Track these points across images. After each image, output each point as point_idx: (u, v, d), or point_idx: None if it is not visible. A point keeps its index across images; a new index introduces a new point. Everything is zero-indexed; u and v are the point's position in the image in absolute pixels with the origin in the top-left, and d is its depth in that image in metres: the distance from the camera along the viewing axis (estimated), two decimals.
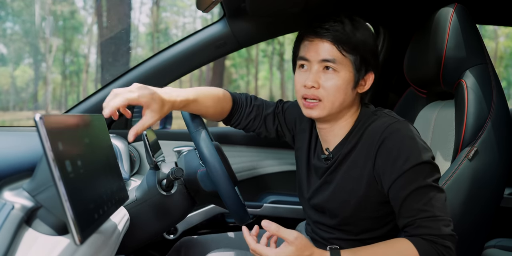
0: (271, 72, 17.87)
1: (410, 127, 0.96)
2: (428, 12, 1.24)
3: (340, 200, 1.02)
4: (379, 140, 0.94)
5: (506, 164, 1.07)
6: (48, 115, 0.62)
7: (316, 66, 0.98)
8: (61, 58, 14.85)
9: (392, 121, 0.96)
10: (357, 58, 0.98)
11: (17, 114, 13.86)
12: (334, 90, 0.97)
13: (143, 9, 16.11)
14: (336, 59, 0.96)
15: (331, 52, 0.97)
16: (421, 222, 0.88)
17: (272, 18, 1.47)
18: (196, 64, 1.51)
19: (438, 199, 0.89)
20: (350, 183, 1.00)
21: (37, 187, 0.70)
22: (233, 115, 1.17)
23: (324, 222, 1.09)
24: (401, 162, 0.91)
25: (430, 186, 0.90)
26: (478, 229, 1.07)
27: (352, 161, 1.00)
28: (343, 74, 0.97)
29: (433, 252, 0.85)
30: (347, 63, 0.97)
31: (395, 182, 0.91)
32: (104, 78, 9.73)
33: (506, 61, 14.99)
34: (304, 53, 1.00)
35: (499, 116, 1.07)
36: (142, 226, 1.10)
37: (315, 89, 0.98)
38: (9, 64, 13.93)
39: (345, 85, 0.98)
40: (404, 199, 0.90)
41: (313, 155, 1.12)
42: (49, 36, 13.33)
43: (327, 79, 0.97)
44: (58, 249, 0.67)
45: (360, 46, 0.97)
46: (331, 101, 0.98)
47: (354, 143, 1.01)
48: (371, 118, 1.01)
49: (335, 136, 1.05)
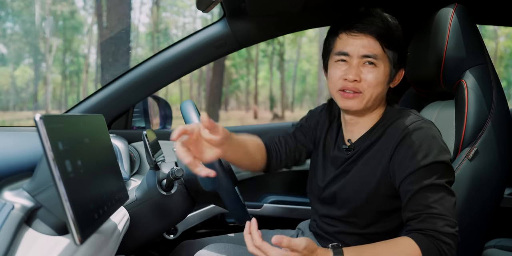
0: (271, 72, 17.89)
1: (434, 127, 0.98)
2: (428, 12, 1.24)
3: (353, 190, 1.03)
4: (401, 136, 0.96)
5: (506, 164, 1.07)
6: (48, 115, 0.62)
7: (356, 60, 0.99)
8: (61, 58, 14.87)
9: (416, 119, 0.98)
10: (396, 55, 1.00)
11: (17, 114, 13.87)
12: (375, 83, 0.99)
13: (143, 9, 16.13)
14: (377, 55, 0.98)
15: (373, 48, 0.98)
16: (426, 217, 0.88)
17: (272, 18, 1.46)
18: (196, 64, 1.51)
19: (447, 200, 0.90)
20: (365, 174, 1.01)
21: (37, 187, 0.70)
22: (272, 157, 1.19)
23: (331, 214, 1.09)
24: (419, 158, 0.92)
25: (442, 186, 0.91)
26: (478, 229, 1.07)
27: (371, 154, 1.02)
28: (382, 69, 0.99)
29: (434, 249, 0.86)
30: (386, 59, 1.00)
31: (409, 176, 0.92)
32: (104, 78, 9.73)
33: (506, 61, 15.00)
34: (343, 48, 1.00)
35: (499, 116, 1.07)
36: (142, 226, 1.10)
37: (357, 82, 0.99)
38: (9, 64, 13.94)
39: (383, 79, 1.00)
40: (414, 193, 0.91)
41: (333, 146, 1.13)
42: (49, 36, 13.34)
43: (368, 72, 0.99)
44: (58, 249, 0.67)
45: (399, 42, 1.00)
46: (370, 94, 0.99)
47: (376, 137, 1.02)
48: (396, 115, 1.02)
49: (361, 128, 1.06)
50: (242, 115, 16.92)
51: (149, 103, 1.73)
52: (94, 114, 0.86)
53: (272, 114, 17.13)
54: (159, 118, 1.78)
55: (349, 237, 1.06)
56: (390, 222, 1.03)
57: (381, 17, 0.99)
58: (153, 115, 1.85)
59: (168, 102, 1.79)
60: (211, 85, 12.09)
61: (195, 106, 1.12)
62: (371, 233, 1.04)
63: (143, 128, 1.69)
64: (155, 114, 1.87)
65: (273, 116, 16.62)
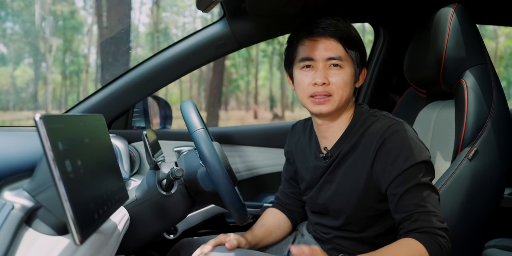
0: (271, 72, 17.87)
1: (409, 127, 0.99)
2: (428, 12, 1.24)
3: (342, 199, 1.04)
4: (379, 141, 0.97)
5: (506, 164, 1.07)
6: (48, 115, 0.62)
7: (321, 64, 1.01)
8: (61, 58, 14.86)
9: (391, 123, 0.99)
10: (357, 54, 1.03)
11: (17, 114, 13.87)
12: (343, 84, 1.01)
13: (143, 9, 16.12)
14: (341, 56, 1.01)
15: (337, 49, 1.01)
16: (419, 216, 0.90)
17: (272, 18, 1.46)
18: (196, 64, 1.51)
19: (433, 198, 0.93)
20: (350, 183, 1.02)
21: (37, 187, 0.70)
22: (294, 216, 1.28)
23: (325, 223, 1.11)
24: (401, 162, 0.94)
25: (426, 184, 0.93)
26: (478, 229, 1.07)
27: (352, 162, 1.03)
28: (347, 69, 1.02)
29: (435, 245, 0.87)
30: (349, 59, 1.02)
31: (394, 180, 0.94)
32: (104, 78, 9.73)
33: (506, 61, 15.00)
34: (307, 54, 1.02)
35: (499, 116, 1.07)
36: (142, 226, 1.10)
37: (325, 85, 1.01)
38: (9, 64, 13.93)
39: (350, 79, 1.03)
40: (401, 195, 0.93)
41: (312, 156, 1.14)
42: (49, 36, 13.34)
43: (334, 75, 1.01)
44: (58, 249, 0.67)
45: (359, 42, 1.03)
46: (340, 95, 1.01)
47: (353, 143, 1.03)
48: (371, 119, 1.04)
49: (334, 132, 1.08)
50: (242, 115, 16.91)
51: (149, 103, 1.73)
52: (94, 114, 0.86)
53: (272, 114, 17.12)
54: (159, 118, 1.78)
55: (347, 241, 1.07)
56: (384, 223, 1.04)
57: (339, 20, 1.03)
58: (153, 115, 1.85)
59: (168, 102, 1.79)
60: (211, 85, 12.09)
61: (195, 106, 1.12)
62: (368, 236, 1.05)
63: (143, 128, 1.69)
64: (155, 114, 1.87)
65: (273, 116, 16.61)
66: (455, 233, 1.02)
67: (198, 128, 1.04)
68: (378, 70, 1.77)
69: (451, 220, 1.02)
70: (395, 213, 0.95)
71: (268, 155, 1.75)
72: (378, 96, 1.77)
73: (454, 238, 1.03)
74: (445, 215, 1.01)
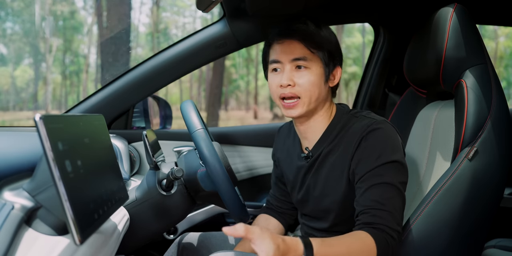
0: None
1: (388, 126, 1.01)
2: (428, 12, 1.24)
3: (329, 200, 1.07)
4: (358, 140, 1.00)
5: (506, 164, 1.07)
6: (48, 115, 0.62)
7: (288, 66, 1.03)
8: (61, 58, 14.85)
9: (371, 122, 1.01)
10: (325, 54, 1.04)
11: (17, 114, 13.86)
12: (309, 85, 1.02)
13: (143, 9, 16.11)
14: (306, 56, 1.02)
15: (300, 50, 1.02)
16: (376, 212, 0.92)
17: (272, 18, 1.46)
18: (196, 64, 1.51)
19: (396, 201, 0.94)
20: (334, 183, 1.05)
21: (37, 187, 0.70)
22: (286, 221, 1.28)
23: (315, 226, 1.14)
24: (373, 159, 0.96)
25: (395, 186, 0.94)
26: (478, 229, 1.07)
27: (333, 161, 1.05)
28: (315, 69, 1.03)
29: (384, 242, 0.89)
30: (316, 59, 1.03)
31: (363, 175, 0.96)
32: (104, 78, 9.74)
33: (506, 61, 14.99)
34: (275, 56, 1.05)
35: (499, 116, 1.06)
36: (142, 226, 1.10)
37: (291, 87, 1.02)
38: (9, 64, 13.93)
39: (318, 79, 1.03)
40: (366, 189, 0.95)
41: (295, 156, 1.16)
42: (49, 36, 13.33)
43: (301, 76, 1.03)
44: (58, 249, 0.67)
45: (325, 42, 1.04)
46: (308, 97, 1.03)
47: (334, 144, 1.05)
48: (352, 120, 1.06)
49: (314, 132, 1.09)
50: (242, 115, 16.90)
51: (149, 103, 1.73)
52: (94, 114, 0.86)
53: (272, 114, 17.12)
54: (159, 118, 1.78)
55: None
56: None
57: (305, 22, 1.04)
58: (153, 115, 1.85)
59: (168, 102, 1.79)
60: (211, 85, 12.08)
61: (195, 106, 1.12)
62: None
63: (143, 128, 1.69)
64: (155, 114, 1.87)
65: (273, 116, 16.61)
66: (455, 233, 1.03)
67: (198, 128, 1.04)
68: (378, 70, 1.77)
69: (451, 220, 1.02)
70: (357, 206, 0.97)
71: (268, 155, 1.75)
72: (378, 96, 1.77)
73: (454, 238, 1.03)
74: (445, 215, 1.01)
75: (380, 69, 1.75)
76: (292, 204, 1.26)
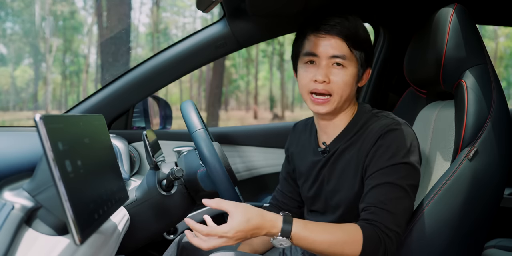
0: (271, 72, 17.86)
1: (407, 128, 1.00)
2: (428, 12, 1.24)
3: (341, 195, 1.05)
4: (375, 138, 0.99)
5: (506, 164, 1.07)
6: (48, 115, 0.62)
7: (325, 61, 1.01)
8: (61, 58, 14.85)
9: (391, 122, 1.00)
10: (362, 55, 1.03)
11: (17, 114, 13.86)
12: (344, 84, 1.01)
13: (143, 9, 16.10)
14: (345, 55, 1.00)
15: (341, 48, 1.00)
16: (376, 210, 0.91)
17: (272, 18, 1.46)
18: (196, 64, 1.51)
19: (402, 203, 0.93)
20: (349, 179, 1.04)
21: (37, 187, 0.70)
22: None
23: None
24: (385, 158, 0.95)
25: (402, 188, 0.93)
26: (478, 229, 1.07)
27: (350, 158, 1.04)
28: (350, 69, 1.02)
29: (375, 237, 0.88)
30: (353, 59, 1.02)
31: (373, 173, 0.96)
32: (104, 78, 9.73)
33: (506, 61, 14.98)
34: (311, 49, 1.02)
35: (499, 116, 1.06)
36: (142, 226, 1.10)
37: (326, 83, 1.01)
38: (9, 64, 13.93)
39: (352, 80, 1.02)
40: (372, 187, 0.94)
41: (310, 151, 1.15)
42: (49, 36, 13.33)
43: (336, 74, 1.01)
44: (58, 249, 0.67)
45: (364, 42, 1.03)
46: (339, 95, 1.02)
47: (352, 141, 1.04)
48: (373, 119, 1.05)
49: (335, 128, 1.09)
50: (242, 115, 16.90)
51: (149, 103, 1.73)
52: (94, 114, 0.87)
53: (272, 114, 17.11)
54: (159, 118, 1.78)
55: None
56: None
57: (347, 18, 1.02)
58: (153, 115, 1.85)
59: (168, 102, 1.79)
60: (211, 85, 12.08)
61: (195, 106, 1.12)
62: None
63: (143, 128, 1.69)
64: (155, 114, 1.87)
65: (273, 116, 16.61)
66: (455, 233, 1.02)
67: (198, 128, 1.04)
68: (378, 70, 1.77)
69: (451, 220, 1.02)
70: (361, 203, 0.97)
71: (268, 155, 1.75)
72: (378, 96, 1.77)
73: (454, 238, 1.03)
74: (445, 215, 1.01)
75: (380, 69, 1.75)
76: (298, 202, 1.25)
